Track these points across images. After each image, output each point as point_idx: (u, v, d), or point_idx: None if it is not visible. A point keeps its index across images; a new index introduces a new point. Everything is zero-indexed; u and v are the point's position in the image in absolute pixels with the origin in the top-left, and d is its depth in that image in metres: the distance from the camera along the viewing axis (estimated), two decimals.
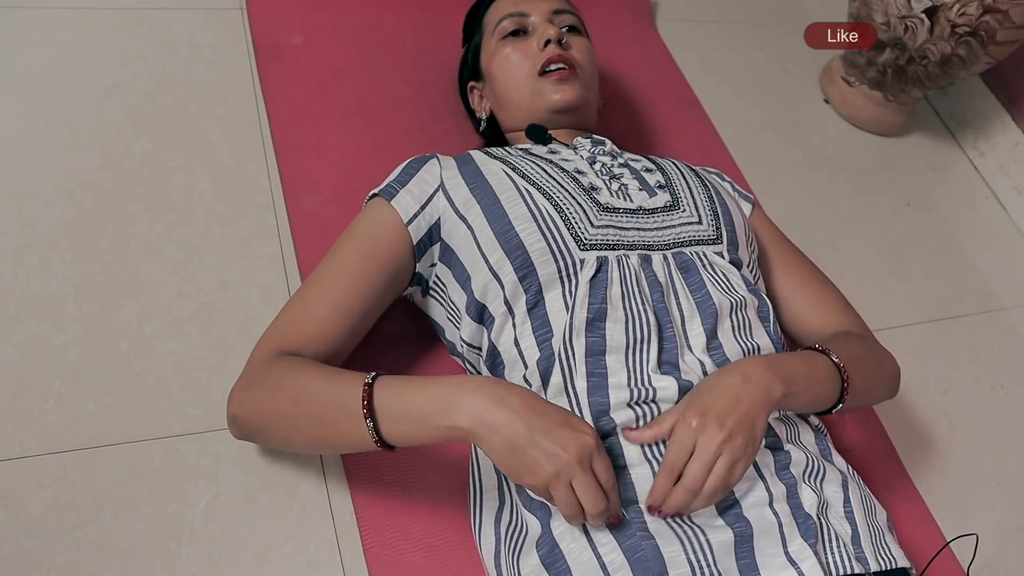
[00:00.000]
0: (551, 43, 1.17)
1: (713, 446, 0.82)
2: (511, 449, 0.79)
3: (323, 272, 1.00)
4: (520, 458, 0.79)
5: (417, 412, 0.82)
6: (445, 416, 0.81)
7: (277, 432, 0.93)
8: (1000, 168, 1.80)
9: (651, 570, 0.80)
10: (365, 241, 1.01)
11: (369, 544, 1.00)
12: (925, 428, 1.36)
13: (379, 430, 0.83)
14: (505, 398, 0.80)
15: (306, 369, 0.91)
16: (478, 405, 0.80)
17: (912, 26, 1.56)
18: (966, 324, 1.54)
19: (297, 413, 0.89)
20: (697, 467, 0.82)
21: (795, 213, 1.57)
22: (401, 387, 0.84)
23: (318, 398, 0.88)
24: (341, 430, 0.86)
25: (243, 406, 0.94)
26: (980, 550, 1.16)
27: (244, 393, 0.94)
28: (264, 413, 0.92)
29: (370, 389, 0.84)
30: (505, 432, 0.79)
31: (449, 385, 0.83)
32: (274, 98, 1.36)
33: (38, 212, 1.16)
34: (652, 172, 1.11)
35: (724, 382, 0.87)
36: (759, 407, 0.85)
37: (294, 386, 0.89)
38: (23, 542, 0.93)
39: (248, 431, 0.96)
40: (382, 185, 1.05)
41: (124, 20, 1.41)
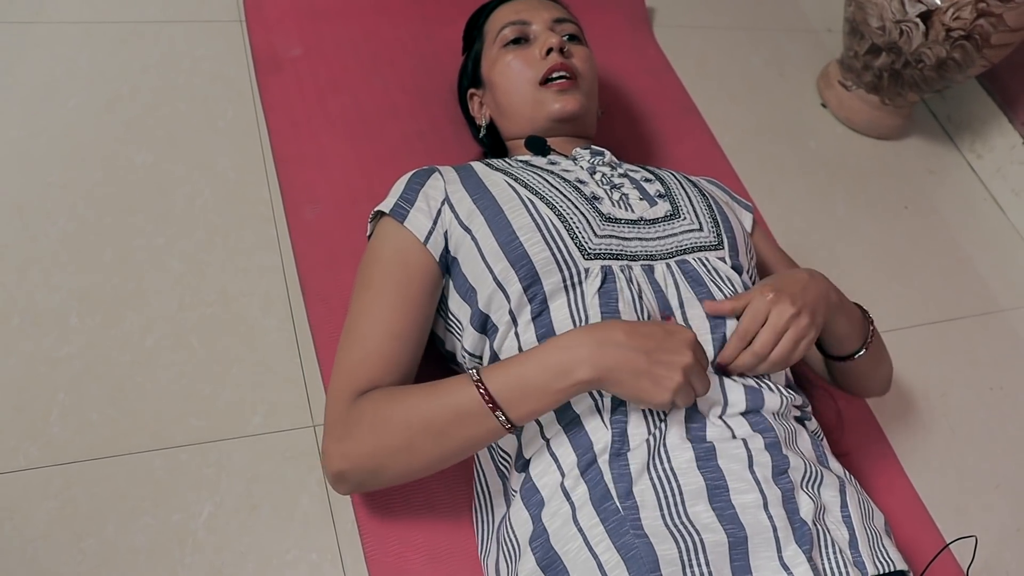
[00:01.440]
0: (553, 52, 1.17)
1: (785, 318, 0.93)
2: (636, 376, 0.84)
3: (365, 307, 1.00)
4: (647, 380, 0.84)
5: (537, 386, 0.85)
6: (565, 378, 0.85)
7: (393, 466, 0.91)
8: (998, 170, 1.81)
9: (645, 567, 0.81)
10: (396, 266, 1.01)
11: (371, 552, 1.01)
12: (924, 430, 1.36)
13: (508, 416, 0.86)
14: (608, 337, 0.85)
15: (398, 393, 0.92)
16: (591, 355, 0.84)
17: (907, 30, 1.57)
18: (965, 326, 1.54)
19: (412, 438, 0.89)
20: (768, 335, 0.92)
21: (794, 217, 1.58)
22: (509, 371, 0.87)
23: (430, 413, 0.88)
24: (465, 434, 0.88)
25: (348, 458, 0.91)
26: (979, 552, 1.16)
27: (342, 445, 0.92)
28: (375, 454, 0.91)
29: (483, 384, 0.86)
30: (626, 366, 0.84)
31: (552, 349, 0.87)
32: (274, 109, 1.37)
33: (41, 225, 1.18)
34: (652, 182, 1.12)
35: (795, 274, 1.00)
36: (822, 301, 0.98)
37: (398, 414, 0.90)
38: (28, 553, 0.94)
39: (359, 479, 0.93)
40: (389, 204, 1.05)
41: (125, 34, 1.42)
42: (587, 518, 0.86)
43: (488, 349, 1.00)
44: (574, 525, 0.86)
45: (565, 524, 0.87)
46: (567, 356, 0.85)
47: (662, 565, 0.81)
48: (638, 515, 0.84)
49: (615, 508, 0.85)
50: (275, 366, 1.14)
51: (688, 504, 0.85)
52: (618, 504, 0.85)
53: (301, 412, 1.11)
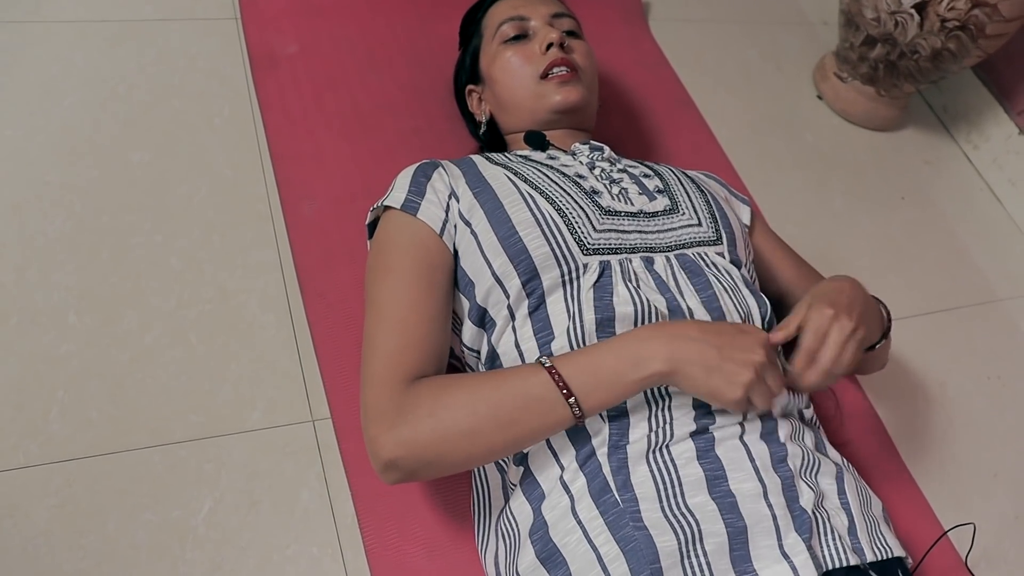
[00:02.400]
0: (553, 47, 1.18)
1: (846, 333, 0.92)
2: (708, 372, 0.85)
3: (394, 292, 0.97)
4: (719, 376, 0.85)
5: (611, 376, 0.85)
6: (639, 368, 0.85)
7: (453, 454, 0.87)
8: (994, 160, 1.81)
9: (645, 559, 0.81)
10: (419, 251, 1.00)
11: (371, 546, 1.01)
12: (923, 420, 1.37)
13: (581, 404, 0.85)
14: (682, 331, 0.87)
15: (461, 381, 0.89)
16: (665, 347, 0.85)
17: (902, 21, 1.57)
18: (963, 316, 1.54)
19: (477, 424, 0.86)
20: (833, 350, 0.92)
21: (791, 210, 1.58)
22: (581, 360, 0.87)
23: (498, 400, 0.86)
24: (533, 423, 0.86)
25: (404, 445, 0.86)
26: (978, 540, 1.17)
27: (398, 431, 0.86)
28: (434, 441, 0.86)
29: (557, 371, 0.86)
30: (699, 359, 0.85)
31: (627, 341, 0.87)
32: (270, 107, 1.38)
33: (38, 225, 1.18)
34: (650, 177, 1.12)
35: (838, 285, 1.00)
36: (866, 308, 0.99)
37: (461, 400, 0.87)
38: (29, 550, 0.94)
39: (413, 467, 0.87)
40: (398, 199, 1.03)
41: (120, 32, 1.42)
42: (586, 510, 0.86)
43: (486, 343, 1.00)
44: (573, 517, 0.86)
45: (564, 516, 0.87)
46: (641, 347, 0.86)
47: (661, 557, 0.81)
48: (637, 507, 0.84)
49: (614, 500, 0.85)
50: (274, 362, 1.14)
51: (688, 495, 0.85)
52: (617, 497, 0.85)
53: (300, 407, 1.11)
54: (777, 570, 0.83)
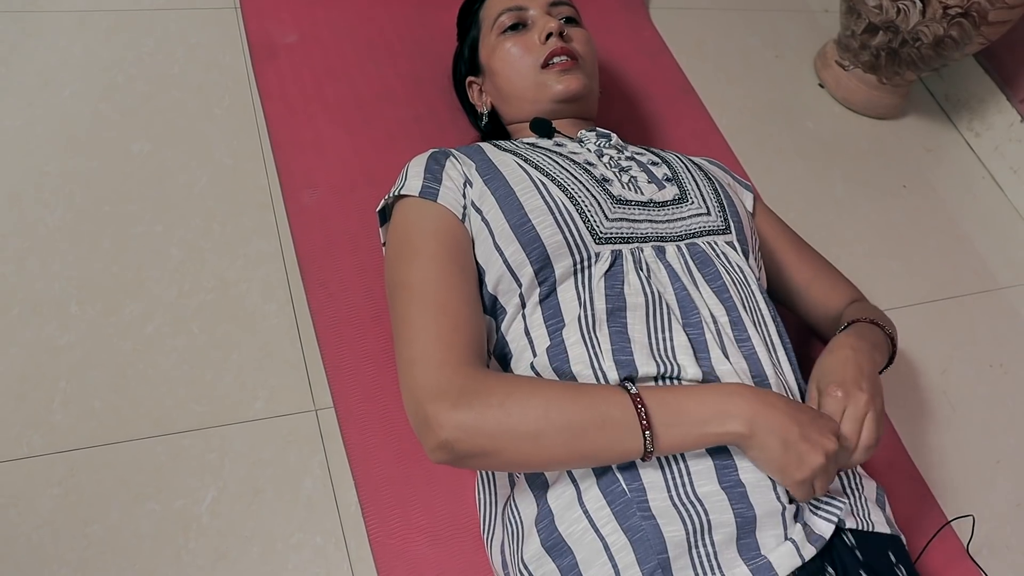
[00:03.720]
0: (553, 36, 1.17)
1: (861, 406, 0.91)
2: (785, 446, 0.83)
3: (427, 277, 0.94)
4: (793, 452, 0.83)
5: (692, 419, 0.84)
6: (720, 422, 0.83)
7: (511, 453, 0.84)
8: (996, 148, 1.81)
9: (652, 549, 0.81)
10: (444, 236, 0.98)
11: (374, 534, 1.01)
12: (925, 408, 1.37)
13: (655, 440, 0.83)
14: (771, 400, 0.85)
15: (540, 382, 0.87)
16: (752, 410, 0.84)
17: (904, 8, 1.56)
18: (964, 304, 1.54)
19: (545, 429, 0.83)
20: (851, 426, 0.90)
21: (792, 198, 1.58)
22: (668, 396, 0.85)
23: (574, 412, 0.83)
24: (602, 443, 0.83)
25: (462, 428, 0.83)
26: (980, 527, 1.17)
27: (460, 413, 0.83)
28: (497, 434, 0.83)
29: (642, 400, 0.83)
30: (780, 432, 0.83)
31: (713, 391, 0.86)
32: (270, 96, 1.37)
33: (39, 215, 1.17)
34: (658, 165, 1.11)
35: (840, 356, 0.98)
36: (873, 369, 0.98)
37: (537, 400, 0.84)
38: (33, 540, 0.94)
39: (468, 453, 0.84)
40: (415, 187, 1.02)
41: (119, 22, 1.42)
42: (593, 500, 0.86)
43: (495, 331, 0.99)
44: (580, 507, 0.86)
45: (570, 506, 0.87)
46: (728, 402, 0.84)
47: (669, 547, 0.81)
48: (645, 497, 0.84)
49: (621, 490, 0.85)
50: (276, 351, 1.14)
51: (697, 484, 0.85)
52: (624, 486, 0.85)
53: (302, 396, 1.11)
54: (781, 551, 0.83)
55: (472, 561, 1.01)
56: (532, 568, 0.88)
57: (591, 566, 0.83)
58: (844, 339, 1.01)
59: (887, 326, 1.11)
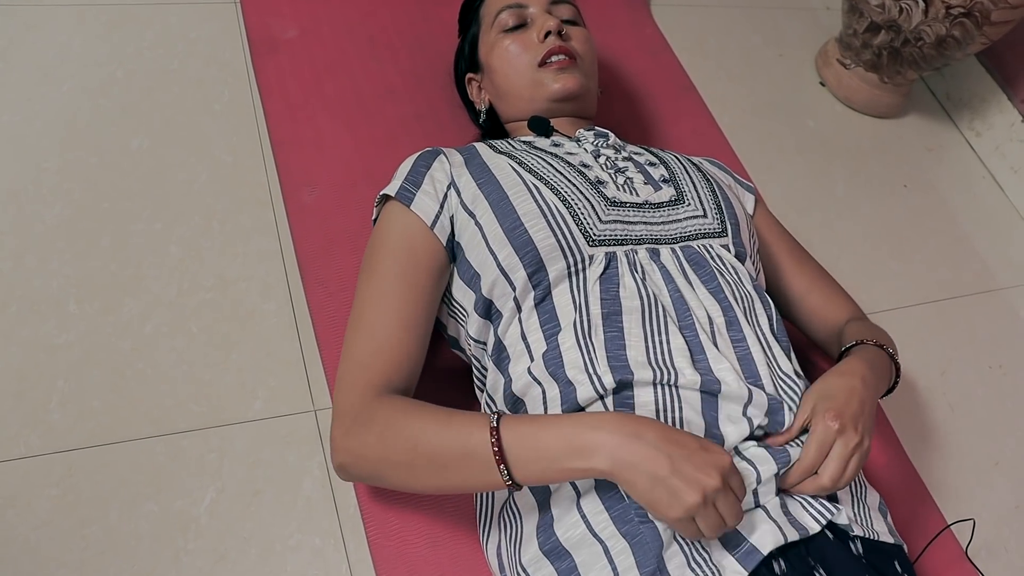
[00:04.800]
0: (551, 35, 1.17)
1: (850, 447, 0.88)
2: (653, 482, 0.77)
3: (372, 295, 0.98)
4: (663, 490, 0.77)
5: (550, 454, 0.80)
6: (581, 458, 0.79)
7: (391, 479, 0.91)
8: (996, 148, 1.80)
9: (651, 551, 0.81)
10: (402, 252, 0.99)
11: (373, 536, 1.01)
12: (924, 409, 1.37)
13: (512, 473, 0.82)
14: (639, 432, 0.79)
15: (416, 411, 0.89)
16: (614, 444, 0.78)
17: (907, 8, 1.55)
18: (964, 304, 1.54)
19: (415, 461, 0.86)
20: (836, 466, 0.88)
21: (793, 197, 1.57)
22: (527, 428, 0.83)
23: (439, 443, 0.85)
24: (468, 475, 0.84)
25: (350, 454, 0.91)
26: (979, 530, 1.17)
27: (349, 440, 0.90)
28: (376, 461, 0.89)
29: (497, 432, 0.82)
30: (647, 467, 0.77)
31: (578, 424, 0.81)
32: (270, 92, 1.36)
33: (37, 212, 1.17)
34: (656, 166, 1.11)
35: (847, 384, 0.94)
36: (872, 407, 0.94)
37: (408, 433, 0.87)
38: (31, 541, 0.94)
39: (358, 476, 0.95)
40: (394, 187, 1.03)
41: (119, 16, 1.40)
42: (591, 504, 0.86)
43: (492, 335, 0.99)
44: (578, 511, 0.86)
45: (569, 511, 0.87)
46: (591, 438, 0.79)
47: (666, 546, 0.81)
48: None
49: (619, 495, 0.85)
50: (275, 351, 1.13)
51: None
52: (622, 491, 0.85)
53: (302, 396, 1.11)
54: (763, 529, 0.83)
55: (471, 563, 1.01)
56: (531, 571, 0.88)
57: (591, 569, 0.83)
58: (856, 366, 0.97)
59: (894, 353, 1.08)
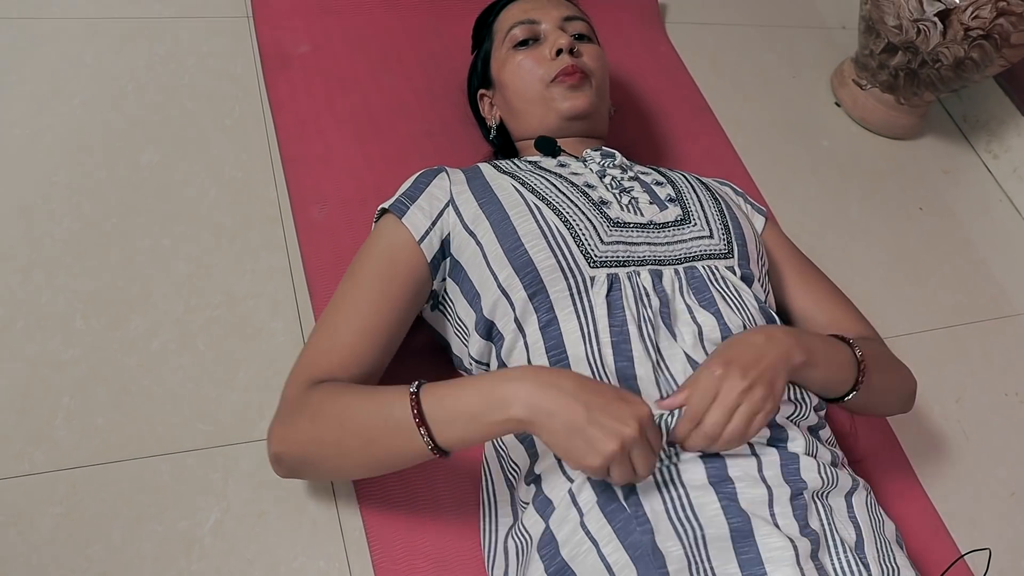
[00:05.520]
0: (563, 52, 1.16)
1: (734, 394, 0.84)
2: (570, 431, 0.78)
3: (344, 297, 0.99)
4: (580, 438, 0.78)
5: (469, 411, 0.82)
6: (499, 410, 0.80)
7: (324, 462, 0.91)
8: (1014, 171, 1.79)
9: (652, 566, 0.80)
10: (382, 262, 1.00)
11: (378, 559, 1.00)
12: (938, 436, 1.35)
13: (433, 437, 0.83)
14: (556, 381, 0.80)
15: (345, 391, 0.90)
16: (530, 393, 0.79)
17: (924, 29, 1.54)
18: (980, 330, 1.52)
19: (344, 437, 0.87)
20: (717, 414, 0.84)
21: (807, 218, 1.56)
22: (447, 390, 0.84)
23: (364, 417, 0.86)
24: (393, 445, 0.85)
25: (284, 441, 0.91)
26: (994, 561, 1.15)
27: (283, 428, 0.92)
28: (308, 443, 0.90)
29: (417, 398, 0.83)
30: (563, 415, 0.78)
31: (496, 379, 0.83)
32: (281, 108, 1.36)
33: (45, 226, 1.16)
34: (662, 185, 1.10)
35: (749, 339, 0.90)
36: (781, 366, 0.88)
37: (336, 410, 0.88)
38: (33, 560, 0.93)
39: (293, 466, 0.94)
40: (392, 200, 1.05)
41: (130, 30, 1.40)
42: (595, 521, 0.85)
43: (495, 357, 0.99)
44: (583, 530, 0.85)
45: (574, 532, 0.86)
46: (507, 389, 0.81)
47: (668, 563, 0.80)
48: (643, 509, 0.83)
49: (621, 507, 0.84)
50: (282, 369, 1.10)
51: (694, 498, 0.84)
52: (623, 503, 0.84)
53: None
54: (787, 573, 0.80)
55: None
56: None
57: None
58: (774, 326, 0.95)
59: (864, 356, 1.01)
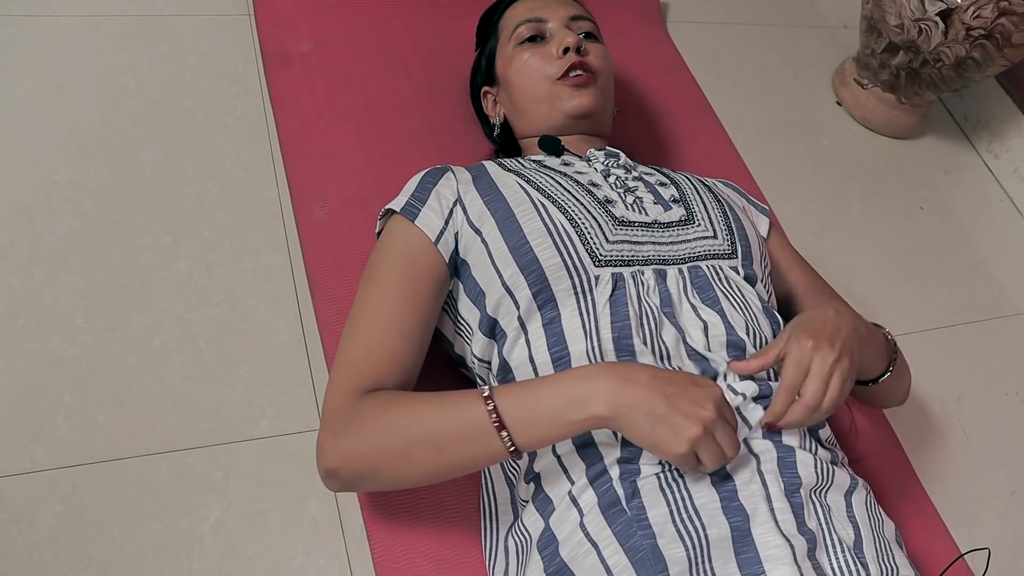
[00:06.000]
0: (570, 50, 1.16)
1: (828, 364, 0.88)
2: (653, 421, 0.79)
3: (370, 302, 0.97)
4: (664, 426, 0.79)
5: (548, 411, 0.82)
6: (580, 408, 0.81)
7: (388, 473, 0.88)
8: (1015, 171, 1.79)
9: (652, 569, 0.80)
10: (403, 262, 0.99)
11: (379, 558, 1.00)
12: (938, 435, 1.35)
13: (514, 439, 0.82)
14: (632, 375, 0.81)
15: (407, 399, 0.89)
16: (610, 389, 0.80)
17: (926, 29, 1.54)
18: (980, 329, 1.52)
19: (411, 446, 0.85)
20: (817, 384, 0.87)
21: (808, 218, 1.56)
22: (520, 392, 0.84)
23: (434, 425, 0.85)
24: (466, 450, 0.84)
25: (341, 455, 0.88)
26: (994, 559, 1.15)
27: (339, 441, 0.88)
28: (371, 455, 0.87)
29: (493, 401, 0.83)
30: (645, 407, 0.80)
31: (570, 378, 0.83)
32: (282, 106, 1.36)
33: (47, 224, 1.16)
34: (666, 186, 1.10)
35: (822, 315, 0.95)
36: (853, 336, 0.93)
37: (402, 419, 0.86)
38: (34, 558, 0.93)
39: (351, 480, 0.90)
40: (400, 202, 1.03)
41: (132, 28, 1.40)
42: (595, 523, 0.85)
43: (497, 355, 0.98)
44: (582, 531, 0.85)
45: (574, 532, 0.86)
46: (585, 387, 0.82)
47: (670, 565, 0.80)
48: (645, 514, 0.83)
49: (622, 510, 0.84)
50: (283, 367, 1.12)
51: (695, 497, 0.84)
52: (624, 505, 0.84)
53: (309, 414, 1.09)
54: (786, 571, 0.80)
55: None
56: None
57: None
58: (831, 304, 1.01)
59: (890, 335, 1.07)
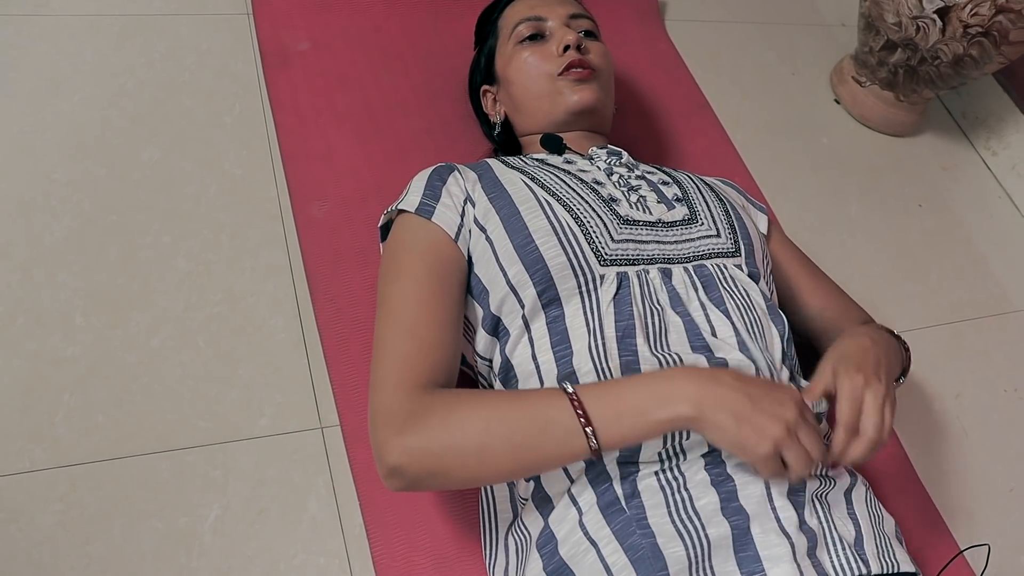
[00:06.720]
0: (570, 48, 1.16)
1: (880, 398, 0.89)
2: (739, 421, 0.80)
3: (406, 296, 0.94)
4: (748, 426, 0.80)
5: (634, 409, 0.81)
6: (665, 408, 0.81)
7: (460, 471, 0.84)
8: (1013, 167, 1.79)
9: (652, 568, 0.80)
10: (430, 256, 0.97)
11: (379, 556, 1.00)
12: (938, 432, 1.35)
13: (599, 436, 0.81)
14: (715, 376, 0.83)
15: (479, 396, 0.87)
16: (696, 390, 0.81)
17: (924, 26, 1.54)
18: (979, 326, 1.52)
19: (488, 443, 0.82)
20: (876, 419, 0.88)
21: (806, 216, 1.56)
22: (603, 391, 0.84)
23: (513, 422, 0.83)
24: (547, 447, 0.82)
25: (408, 453, 0.83)
26: (993, 557, 1.15)
27: (405, 438, 0.83)
28: (443, 453, 0.83)
29: (578, 398, 0.82)
30: (730, 407, 0.80)
31: (654, 378, 0.84)
32: (281, 105, 1.36)
33: (45, 223, 1.16)
34: (669, 185, 1.10)
35: (859, 344, 0.96)
36: (889, 364, 0.96)
37: (478, 415, 0.83)
38: (33, 557, 0.93)
39: (418, 477, 0.84)
40: (413, 202, 1.02)
41: (130, 27, 1.40)
42: (593, 522, 0.85)
43: (499, 353, 0.98)
44: (581, 530, 0.85)
45: (572, 531, 0.86)
46: (671, 386, 0.82)
47: (669, 564, 0.80)
48: (644, 514, 0.83)
49: (621, 509, 0.84)
50: (282, 367, 1.12)
51: (696, 498, 0.85)
52: (624, 504, 0.84)
53: (308, 414, 1.09)
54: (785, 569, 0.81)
55: None
56: None
57: None
58: (863, 329, 1.02)
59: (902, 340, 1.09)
